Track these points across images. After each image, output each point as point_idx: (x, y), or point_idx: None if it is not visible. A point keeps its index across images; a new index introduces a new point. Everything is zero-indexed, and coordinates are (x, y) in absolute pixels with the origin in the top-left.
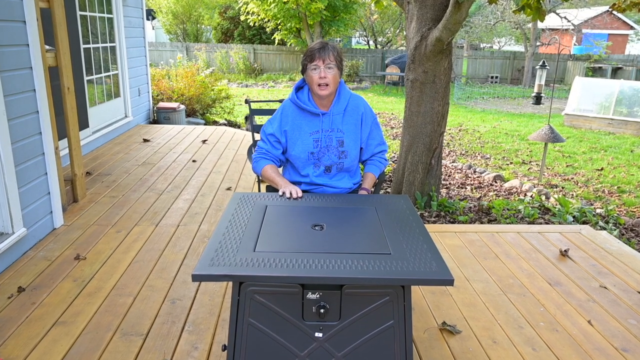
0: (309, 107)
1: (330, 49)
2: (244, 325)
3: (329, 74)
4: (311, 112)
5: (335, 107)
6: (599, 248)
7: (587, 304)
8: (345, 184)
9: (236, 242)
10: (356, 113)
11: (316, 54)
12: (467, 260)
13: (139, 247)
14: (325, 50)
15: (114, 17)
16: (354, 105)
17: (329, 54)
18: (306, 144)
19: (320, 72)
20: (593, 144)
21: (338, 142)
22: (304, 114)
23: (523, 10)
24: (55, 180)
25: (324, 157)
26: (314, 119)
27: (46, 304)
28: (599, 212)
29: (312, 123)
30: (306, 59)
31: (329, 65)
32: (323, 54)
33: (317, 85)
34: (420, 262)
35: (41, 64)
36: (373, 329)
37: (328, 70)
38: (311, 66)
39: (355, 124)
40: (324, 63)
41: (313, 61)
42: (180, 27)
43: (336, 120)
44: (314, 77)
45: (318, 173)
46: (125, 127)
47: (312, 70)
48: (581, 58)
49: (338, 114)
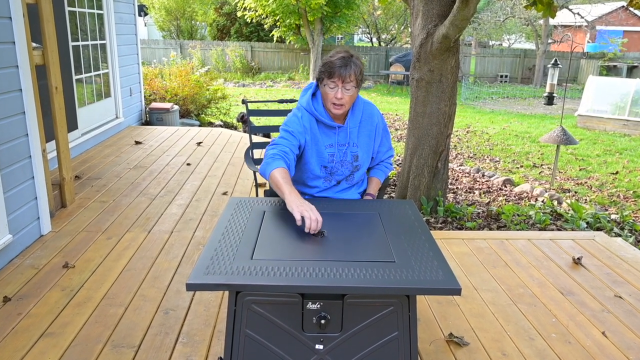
0: (325, 119)
1: (353, 67)
2: (240, 337)
3: (347, 95)
4: (326, 124)
5: (351, 120)
6: (613, 256)
7: (602, 314)
8: (351, 195)
9: (233, 249)
10: (370, 124)
11: (336, 72)
12: (475, 269)
13: (130, 254)
14: (347, 68)
15: (104, 13)
16: (368, 116)
17: (350, 74)
18: (322, 157)
19: (337, 93)
20: (607, 147)
21: (353, 157)
22: (319, 125)
23: (534, 6)
24: (42, 185)
25: (337, 173)
26: (329, 131)
27: (33, 315)
28: (614, 218)
29: (326, 136)
30: (324, 73)
31: (348, 86)
32: (344, 72)
33: (332, 104)
34: (426, 270)
35: (28, 62)
36: (376, 340)
37: (346, 91)
38: (329, 82)
39: (369, 135)
40: (343, 83)
41: (331, 78)
42: (173, 23)
43: (352, 134)
44: (329, 95)
45: (328, 187)
46: (116, 129)
47: (328, 87)
48: (595, 56)
49: (354, 127)
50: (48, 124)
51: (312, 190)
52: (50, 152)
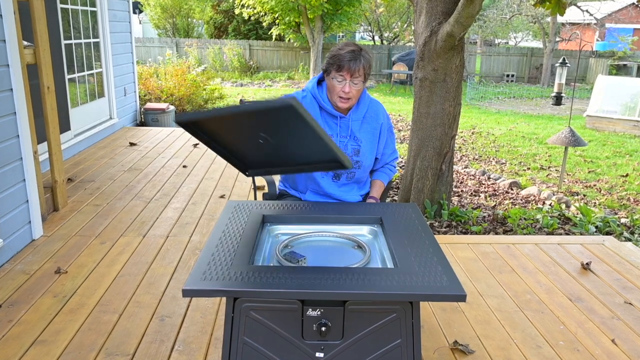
0: (328, 107)
1: (363, 61)
2: (238, 345)
3: (355, 89)
4: (330, 113)
5: (354, 113)
6: (623, 261)
7: (611, 321)
8: (353, 197)
9: (230, 254)
10: (375, 122)
11: (345, 65)
12: (480, 274)
13: (124, 259)
14: (356, 62)
15: (98, 10)
16: (374, 112)
17: (359, 68)
18: None
19: (344, 86)
20: (617, 148)
21: (353, 151)
22: (322, 112)
23: (542, 3)
24: (34, 188)
25: None
26: (331, 120)
27: (24, 322)
28: (624, 221)
29: (327, 125)
30: (332, 65)
31: (356, 81)
32: (353, 66)
33: (338, 97)
34: (429, 276)
35: (19, 61)
36: (379, 348)
37: (354, 85)
38: (336, 75)
39: (374, 133)
40: (352, 77)
41: (340, 71)
42: (169, 21)
43: (354, 126)
44: (336, 88)
45: (326, 180)
46: (110, 130)
47: (336, 80)
48: (604, 55)
49: (357, 120)
50: (40, 124)
51: (312, 184)
52: (42, 154)
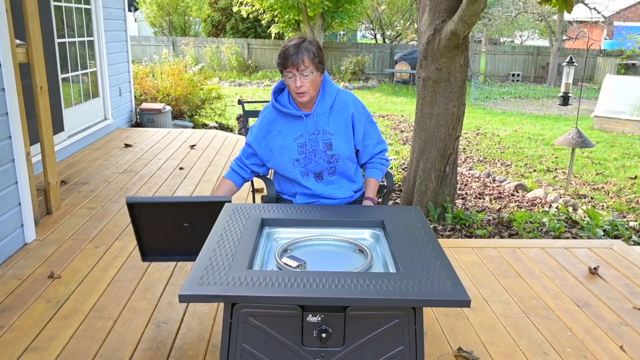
0: (290, 110)
1: (305, 51)
2: (236, 352)
3: (306, 81)
4: (293, 115)
5: (319, 107)
6: (632, 265)
7: (619, 327)
8: (344, 193)
9: (228, 258)
10: (345, 111)
11: (289, 61)
12: (485, 279)
13: (119, 264)
14: (298, 55)
15: (92, 7)
16: (342, 103)
17: (303, 59)
18: (290, 151)
19: (296, 81)
20: (626, 150)
21: (325, 145)
22: (286, 118)
23: (548, 1)
24: (26, 190)
25: (311, 164)
26: (297, 122)
27: (16, 328)
28: (633, 225)
29: (295, 127)
30: (279, 64)
31: (305, 72)
32: (296, 60)
33: (295, 93)
34: (433, 281)
35: (11, 60)
36: (380, 355)
37: (304, 77)
38: (286, 73)
39: (345, 123)
40: (299, 71)
41: (286, 68)
42: (165, 19)
43: (321, 120)
44: (290, 85)
45: (310, 181)
46: (104, 131)
47: (287, 78)
48: (612, 54)
49: (323, 113)
50: (32, 125)
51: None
52: (35, 156)
